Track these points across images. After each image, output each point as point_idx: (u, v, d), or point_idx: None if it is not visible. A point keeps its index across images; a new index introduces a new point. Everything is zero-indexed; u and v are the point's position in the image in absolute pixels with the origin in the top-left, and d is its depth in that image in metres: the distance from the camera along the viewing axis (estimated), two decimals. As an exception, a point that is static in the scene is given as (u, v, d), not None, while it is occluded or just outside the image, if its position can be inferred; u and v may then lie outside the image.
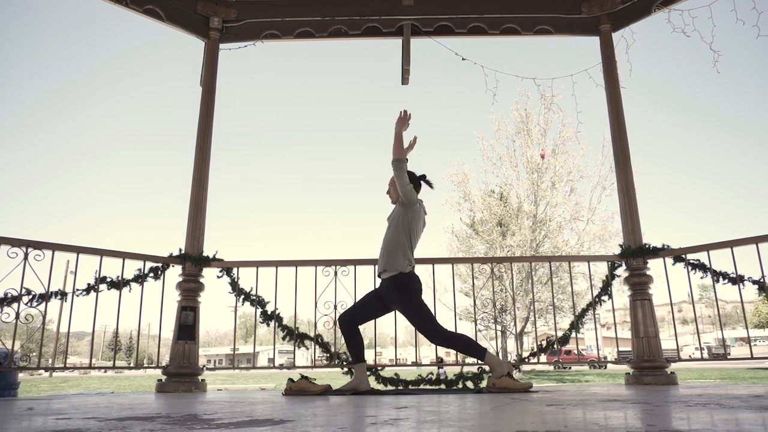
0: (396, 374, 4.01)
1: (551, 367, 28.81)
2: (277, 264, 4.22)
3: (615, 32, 4.70)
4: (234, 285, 4.24)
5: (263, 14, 4.81)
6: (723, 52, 4.61)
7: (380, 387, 3.89)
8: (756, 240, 3.79)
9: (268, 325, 4.20)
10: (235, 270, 4.27)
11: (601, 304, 4.39)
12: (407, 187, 3.45)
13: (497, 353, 4.55)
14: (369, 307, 3.57)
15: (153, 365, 4.43)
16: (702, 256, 4.06)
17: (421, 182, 3.67)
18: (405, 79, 4.86)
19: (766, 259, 3.83)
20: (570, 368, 30.89)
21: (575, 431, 1.33)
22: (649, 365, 3.96)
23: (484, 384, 3.71)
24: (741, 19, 4.11)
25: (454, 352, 3.42)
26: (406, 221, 3.47)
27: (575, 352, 28.40)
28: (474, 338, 3.52)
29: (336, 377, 4.82)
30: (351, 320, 3.53)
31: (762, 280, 3.82)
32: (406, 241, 3.46)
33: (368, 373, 3.73)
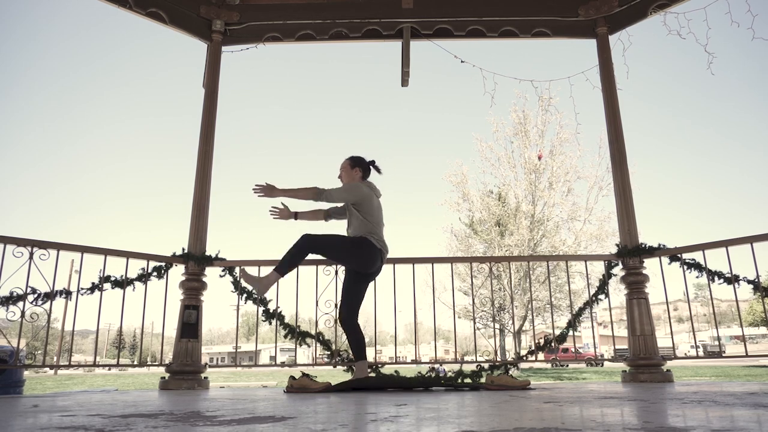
0: (396, 372, 4.05)
1: (549, 365, 28.86)
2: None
3: (611, 35, 4.73)
4: (236, 284, 4.27)
5: (265, 17, 4.83)
6: (718, 54, 4.66)
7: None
8: (750, 240, 3.82)
9: (270, 323, 4.23)
10: (237, 269, 4.30)
11: (597, 303, 4.43)
12: (345, 196, 3.65)
13: (495, 351, 4.58)
14: (360, 292, 3.66)
15: (156, 363, 4.46)
16: (697, 256, 4.10)
17: (371, 167, 3.86)
18: (405, 81, 4.89)
19: (761, 259, 3.87)
20: (567, 366, 30.93)
21: (572, 428, 1.34)
22: (645, 363, 4.00)
23: (482, 381, 3.76)
24: (736, 21, 4.16)
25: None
26: (366, 212, 3.65)
27: (572, 350, 28.46)
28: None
29: (337, 375, 4.85)
30: (352, 316, 3.60)
31: (756, 280, 3.86)
32: (375, 226, 3.68)
33: (369, 370, 3.77)
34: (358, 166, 3.81)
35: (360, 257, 3.60)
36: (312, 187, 3.60)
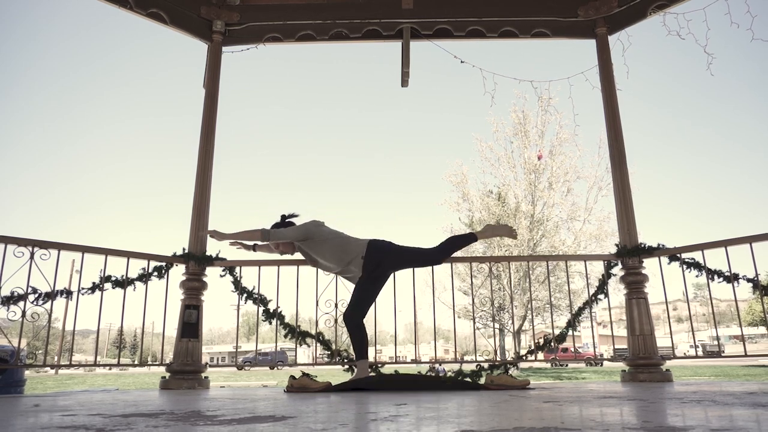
0: (396, 371, 4.06)
1: (548, 365, 28.88)
2: (279, 263, 4.26)
3: (611, 35, 4.73)
4: (236, 284, 4.28)
5: (265, 18, 4.84)
6: (718, 55, 4.66)
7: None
8: (749, 239, 3.83)
9: (270, 323, 4.24)
10: (237, 269, 4.30)
11: (597, 303, 4.43)
12: (293, 234, 3.77)
13: (495, 351, 4.59)
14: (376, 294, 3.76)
15: (157, 363, 4.47)
16: (697, 256, 4.10)
17: (289, 220, 3.98)
18: (405, 82, 4.89)
19: (760, 258, 3.87)
20: (567, 366, 30.98)
21: (572, 427, 1.35)
22: (644, 362, 4.00)
23: (482, 381, 3.77)
24: (735, 22, 4.16)
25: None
26: (324, 237, 3.77)
27: (572, 349, 28.49)
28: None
29: (337, 374, 4.86)
30: (362, 316, 3.66)
31: (756, 279, 3.87)
32: (342, 240, 3.78)
33: (369, 370, 3.78)
34: (283, 224, 3.93)
35: (383, 253, 3.75)
36: (257, 230, 3.77)
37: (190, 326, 4.10)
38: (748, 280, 3.89)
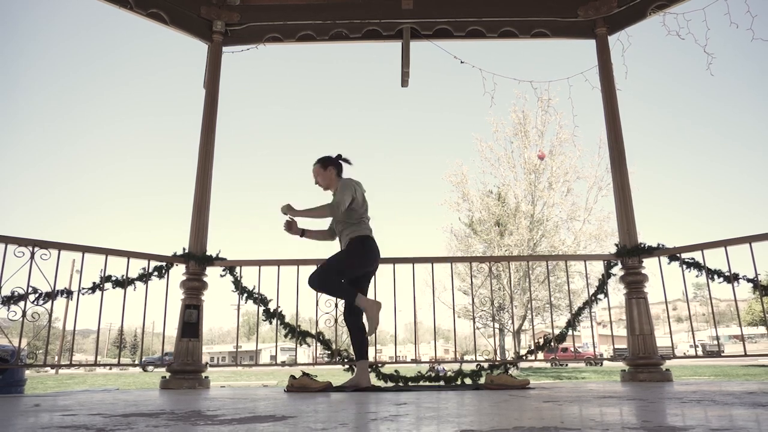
0: (396, 371, 4.07)
1: (548, 365, 28.88)
2: (279, 263, 4.27)
3: (611, 35, 4.74)
4: (237, 284, 4.29)
5: (265, 18, 4.84)
6: (717, 55, 4.66)
7: (380, 383, 3.93)
8: (749, 239, 3.83)
9: (271, 323, 4.25)
10: (237, 269, 4.31)
11: (597, 303, 4.44)
12: (349, 199, 3.59)
13: (495, 351, 4.60)
14: (363, 291, 3.71)
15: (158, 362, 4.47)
16: (696, 256, 4.11)
17: (341, 162, 3.86)
18: (405, 82, 4.90)
19: (760, 258, 3.87)
20: (566, 365, 30.97)
21: (572, 427, 1.35)
22: (644, 362, 4.01)
23: (482, 381, 3.77)
24: (735, 22, 4.16)
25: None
26: (353, 202, 3.63)
27: (572, 349, 28.49)
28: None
29: (337, 374, 4.86)
30: (355, 314, 3.65)
31: (756, 279, 3.87)
32: (359, 215, 3.67)
33: (369, 369, 3.79)
34: (331, 165, 3.81)
35: (367, 257, 3.65)
36: (325, 206, 3.62)
37: (191, 326, 4.10)
38: (748, 280, 3.90)
